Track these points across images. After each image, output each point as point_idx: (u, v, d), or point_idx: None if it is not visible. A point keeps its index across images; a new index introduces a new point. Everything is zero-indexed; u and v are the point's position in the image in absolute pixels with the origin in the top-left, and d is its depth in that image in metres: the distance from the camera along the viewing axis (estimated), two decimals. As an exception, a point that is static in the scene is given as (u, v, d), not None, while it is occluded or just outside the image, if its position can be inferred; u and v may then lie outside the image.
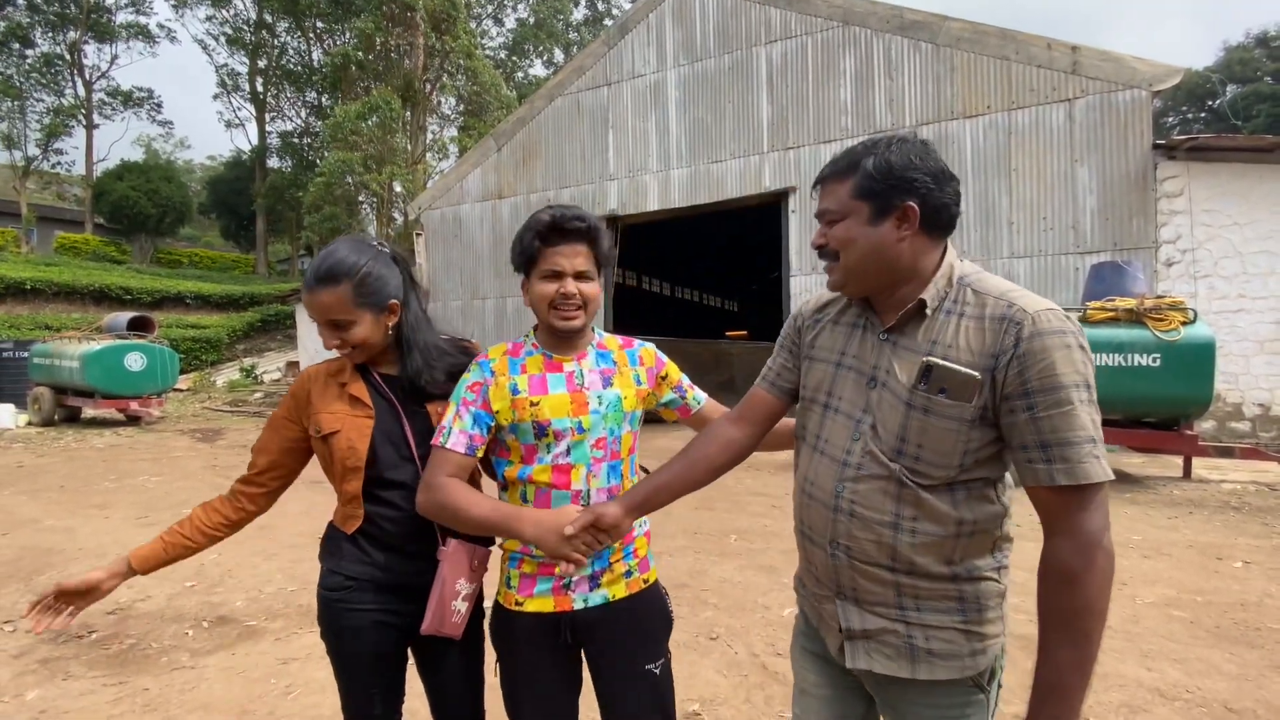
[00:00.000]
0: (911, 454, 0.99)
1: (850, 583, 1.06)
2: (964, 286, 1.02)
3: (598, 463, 1.31)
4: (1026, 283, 9.23)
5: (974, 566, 1.01)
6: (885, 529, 1.01)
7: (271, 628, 3.28)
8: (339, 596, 1.39)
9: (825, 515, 1.07)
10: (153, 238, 32.04)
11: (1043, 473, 0.92)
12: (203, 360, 20.25)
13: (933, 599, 1.01)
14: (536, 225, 1.29)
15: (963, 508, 0.98)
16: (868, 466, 1.03)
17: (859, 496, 1.03)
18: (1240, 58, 35.96)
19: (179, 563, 1.47)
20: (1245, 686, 2.62)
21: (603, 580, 1.32)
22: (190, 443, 10.19)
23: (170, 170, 35.26)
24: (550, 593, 1.30)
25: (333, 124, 21.47)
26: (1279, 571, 4.00)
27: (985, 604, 1.01)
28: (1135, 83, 8.63)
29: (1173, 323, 6.03)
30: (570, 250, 1.29)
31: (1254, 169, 8.21)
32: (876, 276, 1.04)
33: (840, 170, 1.05)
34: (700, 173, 11.68)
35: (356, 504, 1.39)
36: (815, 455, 1.12)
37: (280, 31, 32.57)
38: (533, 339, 1.39)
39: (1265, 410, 8.25)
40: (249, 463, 1.49)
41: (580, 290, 1.29)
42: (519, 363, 1.34)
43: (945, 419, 0.97)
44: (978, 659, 1.01)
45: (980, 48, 9.51)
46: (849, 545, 1.04)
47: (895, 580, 1.01)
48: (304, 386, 1.45)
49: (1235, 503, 5.85)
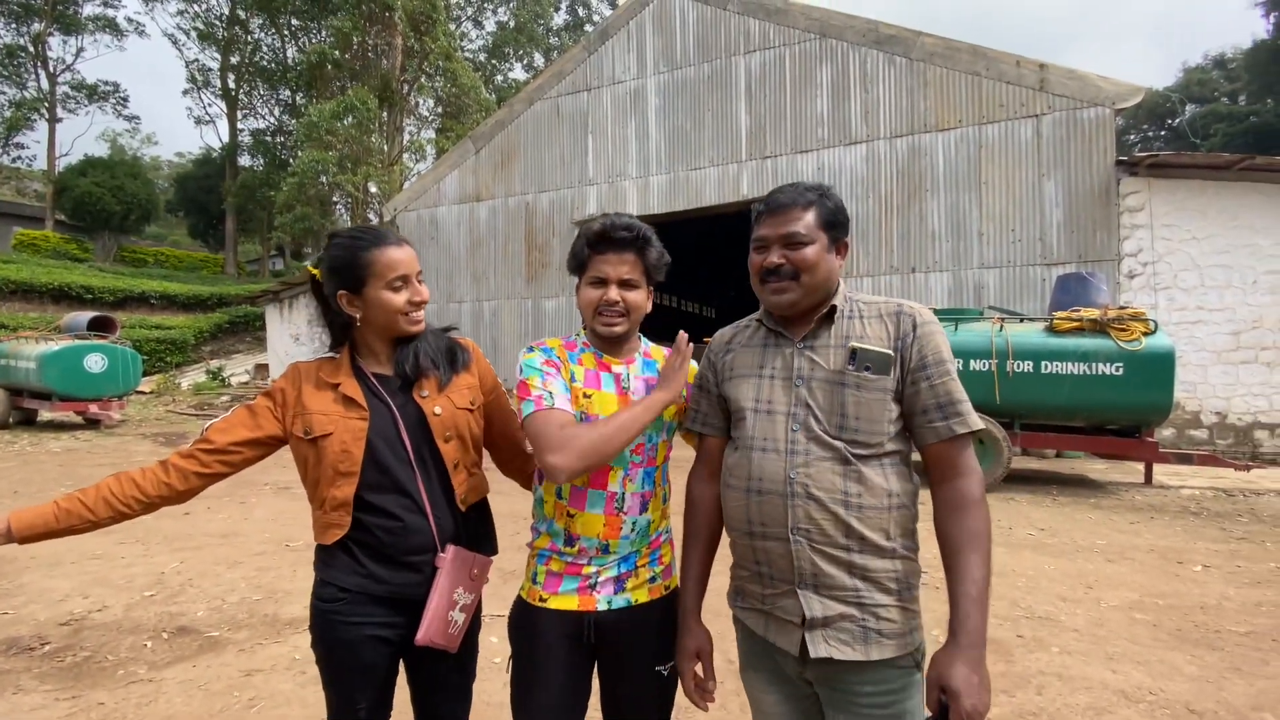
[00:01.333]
0: (852, 427, 1.16)
1: (811, 568, 1.15)
2: (851, 300, 1.27)
3: (635, 467, 1.33)
4: (996, 293, 9.44)
5: (905, 544, 1.17)
6: (839, 506, 1.14)
7: (235, 639, 3.18)
8: (332, 609, 1.33)
9: (781, 505, 1.17)
10: (116, 235, 31.08)
11: (943, 428, 1.15)
12: (167, 362, 19.67)
13: (878, 578, 1.14)
14: (587, 233, 1.36)
15: (891, 480, 1.16)
16: (814, 450, 1.17)
17: (811, 479, 1.16)
18: (1198, 79, 37.42)
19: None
20: (1206, 688, 2.69)
21: (628, 584, 1.34)
22: (152, 447, 9.87)
23: (136, 166, 34.29)
24: (576, 592, 1.32)
25: (307, 123, 21.10)
26: (1236, 575, 4.13)
27: (912, 582, 1.18)
28: (1099, 100, 8.92)
29: (1134, 333, 6.22)
30: (617, 258, 1.33)
31: (1211, 186, 8.53)
32: (819, 296, 1.23)
33: (801, 201, 1.22)
34: (679, 179, 11.74)
35: (344, 511, 1.32)
36: (756, 455, 1.21)
37: (254, 28, 31.94)
38: (584, 338, 1.42)
39: (1222, 418, 8.54)
40: (199, 437, 1.34)
41: (624, 297, 1.33)
42: (576, 356, 1.38)
43: (873, 391, 1.17)
44: (914, 635, 1.17)
45: (952, 63, 9.74)
46: (809, 529, 1.15)
47: (849, 560, 1.14)
48: (294, 383, 1.38)
49: (1194, 508, 6.03)
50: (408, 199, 14.79)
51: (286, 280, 17.59)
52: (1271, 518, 5.64)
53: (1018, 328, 6.76)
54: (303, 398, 1.36)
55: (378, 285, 1.34)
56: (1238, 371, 8.46)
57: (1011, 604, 3.60)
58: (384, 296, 1.34)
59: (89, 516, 1.25)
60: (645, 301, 1.38)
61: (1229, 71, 36.73)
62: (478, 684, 1.57)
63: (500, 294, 13.52)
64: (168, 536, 4.95)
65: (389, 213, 15.13)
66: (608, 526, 1.32)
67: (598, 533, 1.32)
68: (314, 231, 23.70)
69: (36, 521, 1.22)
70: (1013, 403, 6.62)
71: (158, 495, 1.29)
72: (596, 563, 1.33)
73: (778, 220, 1.22)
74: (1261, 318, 8.34)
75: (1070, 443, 6.86)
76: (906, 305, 1.23)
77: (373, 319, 1.37)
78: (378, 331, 1.40)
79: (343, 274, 1.35)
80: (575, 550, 1.33)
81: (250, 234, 36.17)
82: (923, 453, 1.19)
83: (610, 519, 1.32)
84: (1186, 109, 35.13)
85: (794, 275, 1.21)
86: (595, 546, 1.32)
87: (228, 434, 1.34)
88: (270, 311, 16.89)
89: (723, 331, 1.41)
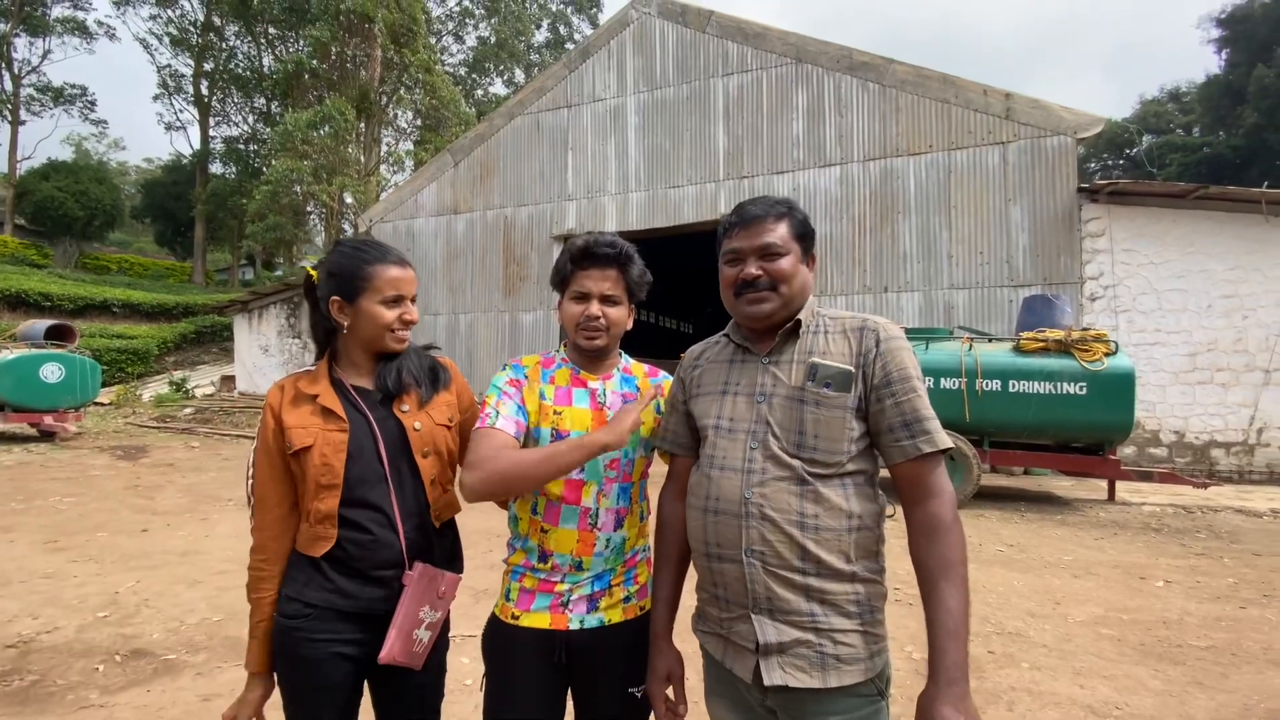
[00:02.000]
0: (810, 445, 1.14)
1: (765, 592, 1.12)
2: (818, 315, 1.25)
3: (610, 482, 1.33)
4: (965, 313, 9.67)
5: (867, 567, 1.14)
6: (793, 528, 1.11)
7: (193, 662, 3.06)
8: (295, 625, 1.31)
9: (736, 525, 1.14)
10: (78, 241, 30.16)
11: (909, 446, 1.11)
12: (128, 373, 19.05)
13: (836, 601, 1.11)
14: (571, 249, 1.38)
15: (852, 500, 1.13)
16: (771, 470, 1.14)
17: (766, 499, 1.13)
18: (1155, 110, 39.17)
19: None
20: (1170, 702, 2.75)
21: (601, 603, 1.33)
22: (110, 460, 9.52)
23: (102, 171, 33.38)
24: (548, 609, 1.31)
25: (282, 131, 20.83)
26: (1196, 590, 4.25)
27: (876, 605, 1.14)
28: (1062, 129, 9.27)
29: (1097, 354, 6.42)
30: (599, 274, 1.35)
31: (1168, 213, 8.89)
32: (797, 305, 1.23)
33: (773, 213, 1.22)
34: (658, 197, 11.84)
35: (329, 524, 1.31)
36: (715, 474, 1.20)
37: (229, 35, 31.56)
38: (563, 354, 1.44)
39: (1180, 437, 8.83)
40: (257, 529, 1.38)
41: (605, 313, 1.35)
42: (550, 373, 1.39)
43: (832, 409, 1.14)
44: (876, 660, 1.12)
45: (923, 90, 10.04)
46: (762, 550, 1.12)
47: (805, 583, 1.10)
48: (274, 407, 1.36)
49: (1155, 524, 6.20)
50: (384, 210, 14.65)
51: (256, 290, 17.23)
52: (1229, 534, 5.82)
53: (986, 347, 6.92)
54: (282, 413, 1.35)
55: (372, 298, 1.35)
56: (1194, 392, 8.76)
57: (983, 620, 3.65)
58: (376, 310, 1.35)
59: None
60: (626, 318, 1.39)
61: (1183, 104, 38.54)
62: (447, 704, 1.53)
63: (477, 307, 13.42)
64: (124, 554, 4.77)
65: (364, 224, 14.96)
66: (581, 542, 1.30)
67: (571, 549, 1.30)
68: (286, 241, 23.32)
69: (263, 657, 1.34)
70: (982, 421, 6.76)
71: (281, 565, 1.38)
72: (570, 580, 1.31)
73: (751, 232, 1.22)
74: (1216, 340, 8.68)
75: (1038, 460, 7.02)
76: (871, 320, 1.20)
77: (359, 330, 1.38)
78: (362, 344, 1.40)
79: (341, 280, 1.37)
80: (549, 567, 1.32)
81: (220, 242, 35.42)
82: (892, 472, 1.16)
83: (584, 534, 1.31)
84: (1144, 139, 36.70)
85: (772, 286, 1.20)
86: (569, 563, 1.31)
87: (268, 507, 1.38)
88: (239, 322, 16.51)
89: (694, 348, 1.40)
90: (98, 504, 6.57)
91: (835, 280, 10.47)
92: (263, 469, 1.36)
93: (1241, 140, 30.78)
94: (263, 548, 1.35)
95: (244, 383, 16.39)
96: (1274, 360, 8.44)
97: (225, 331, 21.05)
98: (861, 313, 1.25)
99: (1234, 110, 32.24)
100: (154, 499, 6.86)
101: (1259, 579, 4.49)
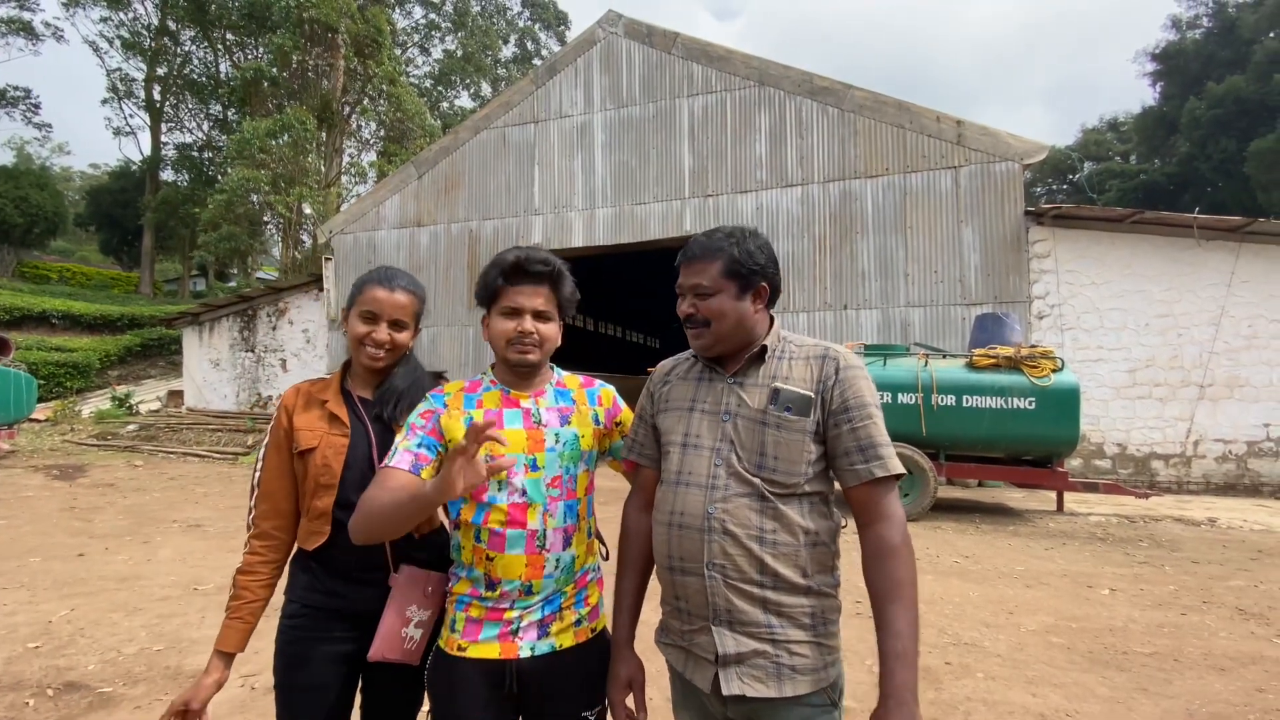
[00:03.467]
0: (770, 465, 1.18)
1: (725, 604, 1.16)
2: (784, 340, 1.30)
3: (554, 501, 1.30)
4: (921, 330, 9.97)
5: (822, 581, 1.19)
6: (753, 542, 1.15)
7: (130, 695, 2.90)
8: (293, 624, 1.42)
9: (698, 539, 1.18)
10: (17, 250, 28.71)
11: (863, 471, 1.16)
12: (67, 387, 18.10)
13: (792, 614, 1.16)
14: (501, 264, 1.33)
15: (809, 518, 1.18)
16: (733, 486, 1.19)
17: (729, 515, 1.17)
18: (1095, 139, 41.34)
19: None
20: (1117, 709, 2.84)
21: (552, 628, 1.30)
22: (45, 480, 9.00)
23: (44, 176, 31.91)
24: (497, 639, 1.27)
25: (239, 139, 20.28)
26: (1140, 598, 4.42)
27: (830, 618, 1.19)
28: (1009, 155, 9.70)
29: (1044, 370, 6.69)
30: (531, 290, 1.32)
31: (1107, 236, 9.37)
32: (737, 340, 1.27)
33: (708, 253, 1.26)
34: (625, 213, 11.92)
35: (324, 520, 1.41)
36: (680, 489, 1.24)
37: (185, 40, 30.68)
38: (490, 375, 1.40)
39: (1122, 449, 9.23)
40: (258, 518, 1.46)
41: (538, 329, 1.33)
42: (475, 398, 1.35)
43: (793, 432, 1.19)
44: (829, 670, 1.17)
45: (880, 115, 10.40)
46: (724, 564, 1.16)
47: (763, 596, 1.15)
48: (288, 409, 1.49)
49: (1101, 534, 6.45)
50: (344, 221, 14.37)
51: (208, 301, 16.62)
52: (1169, 542, 6.09)
53: (941, 363, 7.14)
54: (293, 415, 1.48)
55: (355, 312, 1.50)
56: (1135, 406, 9.19)
57: (939, 631, 3.73)
58: (353, 323, 1.50)
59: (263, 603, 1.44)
60: (557, 335, 1.38)
61: (1121, 134, 40.79)
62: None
63: (440, 321, 13.24)
64: (58, 580, 4.50)
65: (324, 234, 14.64)
66: (530, 566, 1.27)
67: (520, 574, 1.27)
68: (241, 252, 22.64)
69: (240, 637, 1.39)
70: (937, 434, 6.95)
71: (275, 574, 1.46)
72: (519, 605, 1.28)
73: (689, 271, 1.28)
74: (1154, 357, 9.14)
75: (991, 473, 7.24)
76: (832, 349, 1.25)
77: (350, 343, 1.54)
78: (355, 357, 1.55)
79: (349, 296, 1.54)
80: (497, 594, 1.28)
81: (170, 252, 34.12)
82: (846, 495, 1.21)
83: (532, 558, 1.27)
84: (1085, 166, 38.68)
85: (705, 323, 1.26)
86: (518, 588, 1.27)
87: (272, 498, 1.47)
88: (188, 335, 15.89)
89: (664, 363, 1.44)
90: (30, 527, 6.20)
91: (797, 297, 10.68)
92: (271, 464, 1.47)
93: (1175, 168, 32.70)
94: (266, 535, 1.44)
95: (192, 398, 15.74)
96: (1207, 376, 8.93)
97: (173, 345, 20.24)
98: (824, 340, 1.30)
99: (1167, 140, 34.27)
100: (92, 521, 6.50)
101: (1198, 586, 4.70)
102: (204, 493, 8.30)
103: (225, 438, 13.09)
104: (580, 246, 12.15)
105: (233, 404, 15.23)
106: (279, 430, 1.47)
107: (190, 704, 1.32)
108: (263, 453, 1.49)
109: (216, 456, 11.85)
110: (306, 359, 14.57)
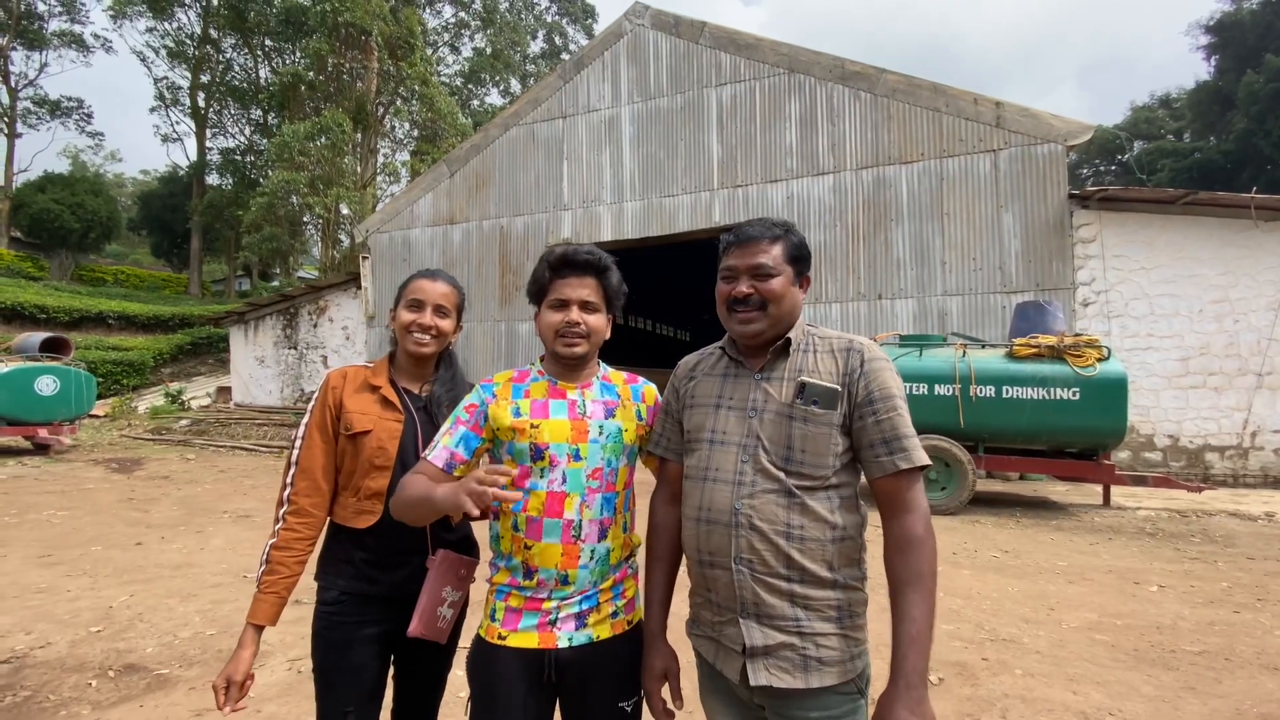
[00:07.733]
0: (797, 459, 1.20)
1: (753, 598, 1.18)
2: (808, 333, 1.30)
3: (592, 493, 1.32)
4: (959, 320, 9.72)
5: (849, 574, 1.20)
6: (780, 538, 1.17)
7: (186, 676, 3.05)
8: (331, 610, 1.48)
9: (726, 535, 1.21)
10: (74, 254, 30.15)
11: (888, 462, 1.17)
12: (124, 385, 19.00)
13: (819, 607, 1.17)
14: (549, 258, 1.38)
15: (837, 514, 1.19)
16: (760, 482, 1.20)
17: (756, 510, 1.19)
18: (1145, 117, 39.53)
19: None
20: (1163, 708, 2.75)
21: (589, 620, 1.32)
22: (104, 473, 9.49)
23: (98, 183, 33.44)
24: (535, 628, 1.30)
25: (279, 142, 20.92)
26: (1190, 595, 4.26)
27: (856, 611, 1.21)
28: (1052, 137, 9.35)
29: (1089, 359, 6.45)
30: (577, 281, 1.36)
31: (1158, 219, 8.97)
32: (786, 325, 1.28)
33: (769, 235, 1.27)
34: (653, 206, 11.90)
35: (377, 500, 1.48)
36: (707, 485, 1.25)
37: (226, 47, 31.71)
38: (539, 366, 1.43)
39: (1174, 441, 8.86)
40: (296, 495, 1.50)
41: (585, 320, 1.35)
42: (523, 388, 1.39)
43: (820, 425, 1.20)
44: (856, 662, 1.19)
45: (914, 99, 10.13)
46: (751, 559, 1.18)
47: (790, 590, 1.17)
48: (335, 390, 1.54)
49: (1150, 529, 6.22)
50: (380, 221, 14.69)
51: (253, 301, 17.21)
52: (1223, 538, 5.84)
53: (980, 354, 6.95)
54: (344, 398, 1.53)
55: (402, 304, 1.58)
56: (1187, 396, 8.81)
57: (976, 626, 3.65)
58: (400, 313, 1.58)
59: (297, 576, 1.48)
60: (605, 327, 1.40)
61: (1174, 110, 38.91)
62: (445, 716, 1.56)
63: (473, 316, 13.44)
64: (118, 568, 4.75)
65: (361, 234, 15.00)
66: (565, 555, 1.30)
67: (556, 563, 1.29)
68: (282, 252, 23.36)
69: (275, 610, 1.45)
70: (976, 426, 6.78)
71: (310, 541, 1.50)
72: (557, 596, 1.31)
73: (746, 252, 1.27)
74: (1208, 345, 8.73)
75: (1032, 465, 7.04)
76: (857, 341, 1.26)
77: (397, 334, 1.60)
78: (402, 348, 1.60)
79: (396, 295, 1.62)
80: (534, 583, 1.31)
81: (216, 254, 35.42)
82: (872, 486, 1.22)
83: (568, 547, 1.30)
84: (1135, 145, 37.00)
85: (761, 305, 1.25)
86: (554, 578, 1.30)
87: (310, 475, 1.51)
88: (235, 333, 16.49)
89: (689, 358, 1.44)
90: (92, 517, 6.55)
91: (830, 288, 10.51)
92: (315, 443, 1.51)
93: (1232, 145, 31.06)
94: (303, 511, 1.49)
95: (240, 394, 16.36)
96: (1266, 364, 8.50)
97: (221, 343, 21.03)
98: (858, 326, 1.31)
99: (1224, 116, 32.58)
100: (148, 512, 6.83)
101: (1253, 583, 4.50)
102: (252, 485, 8.63)
103: (271, 431, 13.57)
104: (609, 240, 12.17)
105: (277, 399, 15.77)
106: (325, 410, 1.52)
107: (232, 677, 1.39)
108: (303, 431, 1.53)
109: (263, 450, 12.29)
110: (346, 355, 14.98)
